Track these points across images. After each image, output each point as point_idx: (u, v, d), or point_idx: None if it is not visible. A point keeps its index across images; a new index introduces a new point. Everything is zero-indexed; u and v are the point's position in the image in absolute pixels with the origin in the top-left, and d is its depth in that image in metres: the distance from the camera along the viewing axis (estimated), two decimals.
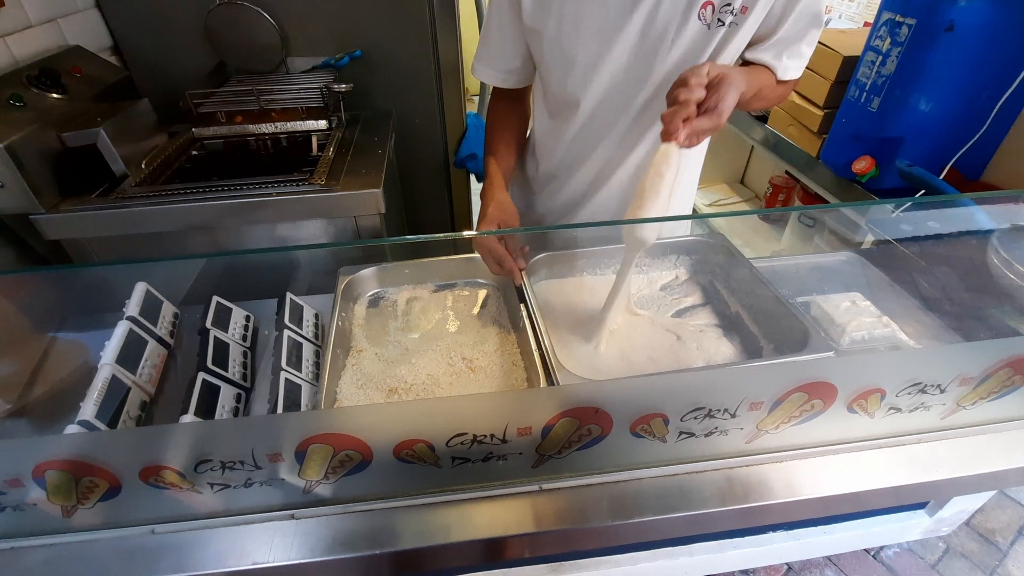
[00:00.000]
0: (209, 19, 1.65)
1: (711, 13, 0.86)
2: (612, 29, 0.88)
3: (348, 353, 0.93)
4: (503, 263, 0.92)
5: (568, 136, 1.04)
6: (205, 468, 0.60)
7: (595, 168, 1.07)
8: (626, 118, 0.98)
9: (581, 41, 0.90)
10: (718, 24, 0.87)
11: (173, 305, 0.99)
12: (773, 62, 0.93)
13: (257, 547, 0.66)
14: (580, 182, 1.10)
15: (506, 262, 0.92)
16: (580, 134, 1.03)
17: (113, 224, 1.27)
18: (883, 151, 1.54)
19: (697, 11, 0.85)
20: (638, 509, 0.69)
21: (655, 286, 1.05)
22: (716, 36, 0.88)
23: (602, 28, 0.88)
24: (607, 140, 1.02)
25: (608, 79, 0.94)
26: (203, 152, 1.59)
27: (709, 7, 0.85)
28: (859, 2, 2.39)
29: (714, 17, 0.86)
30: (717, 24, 0.86)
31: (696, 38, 0.88)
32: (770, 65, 0.94)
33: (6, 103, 1.20)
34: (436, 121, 1.95)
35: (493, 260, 0.93)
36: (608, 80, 0.94)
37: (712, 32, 0.87)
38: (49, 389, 0.92)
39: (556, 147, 1.07)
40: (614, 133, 1.01)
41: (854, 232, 1.29)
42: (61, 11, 1.53)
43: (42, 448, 0.58)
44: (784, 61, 0.93)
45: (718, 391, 0.63)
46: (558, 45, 0.92)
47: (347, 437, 0.59)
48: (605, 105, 0.98)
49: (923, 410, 0.72)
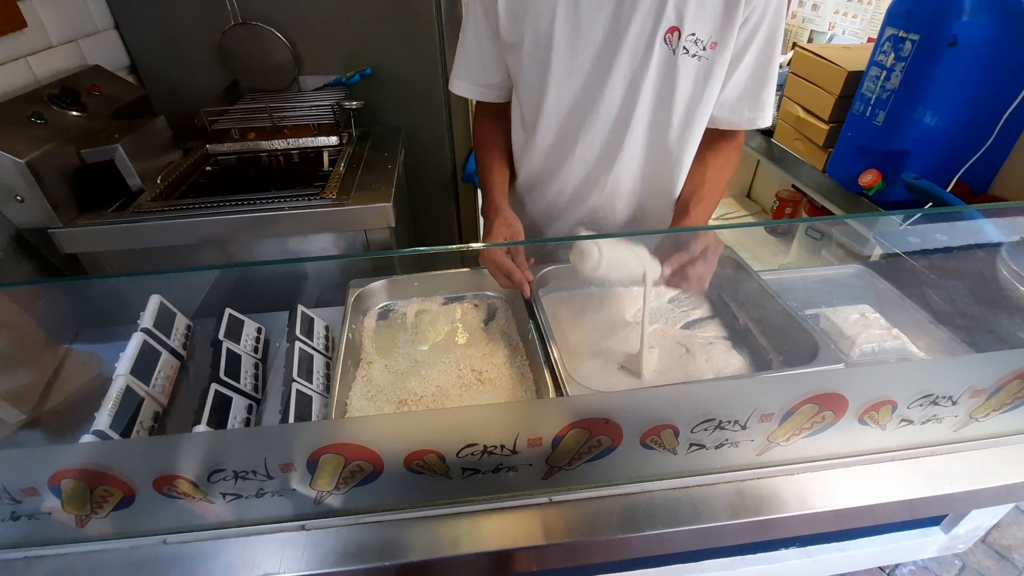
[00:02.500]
0: (224, 39, 1.69)
1: (677, 39, 0.88)
2: (584, 45, 0.91)
3: (358, 365, 0.93)
4: (512, 276, 0.93)
5: (543, 147, 1.06)
6: (218, 478, 0.60)
7: (576, 178, 1.08)
8: (598, 131, 1.00)
9: (554, 55, 0.92)
10: (685, 52, 0.89)
11: (186, 317, 1.01)
12: (738, 119, 0.99)
13: (268, 558, 0.66)
14: (559, 192, 1.11)
15: (515, 275, 0.93)
16: (553, 145, 1.05)
17: (129, 238, 1.30)
18: (889, 164, 1.55)
19: (663, 35, 0.88)
20: (648, 522, 0.69)
21: (663, 298, 1.05)
22: (687, 67, 0.90)
23: (571, 44, 0.91)
24: (580, 152, 1.03)
25: (577, 92, 0.96)
26: (217, 168, 1.62)
27: (675, 32, 0.88)
28: (862, 19, 2.41)
29: (680, 44, 0.89)
30: (683, 52, 0.89)
31: (665, 63, 0.91)
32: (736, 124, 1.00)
33: (27, 120, 1.23)
34: (444, 137, 1.98)
35: (502, 274, 0.95)
36: (577, 93, 0.96)
37: (679, 59, 0.90)
38: (64, 400, 0.93)
39: (534, 158, 1.09)
40: (587, 146, 1.02)
41: (862, 245, 1.29)
42: (81, 32, 1.57)
43: (59, 457, 0.59)
44: (747, 114, 0.99)
45: (728, 402, 0.63)
46: (533, 59, 0.94)
47: (358, 447, 0.60)
48: (573, 118, 0.99)
49: (935, 422, 0.72)
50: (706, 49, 0.89)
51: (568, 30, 0.90)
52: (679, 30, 0.88)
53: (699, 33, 0.88)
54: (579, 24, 0.89)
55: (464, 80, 1.05)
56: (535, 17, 0.90)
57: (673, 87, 0.93)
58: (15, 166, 1.14)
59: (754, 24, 0.88)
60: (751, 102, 0.97)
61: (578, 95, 0.96)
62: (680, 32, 0.88)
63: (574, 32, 0.90)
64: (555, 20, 0.89)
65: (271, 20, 1.70)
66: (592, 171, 1.05)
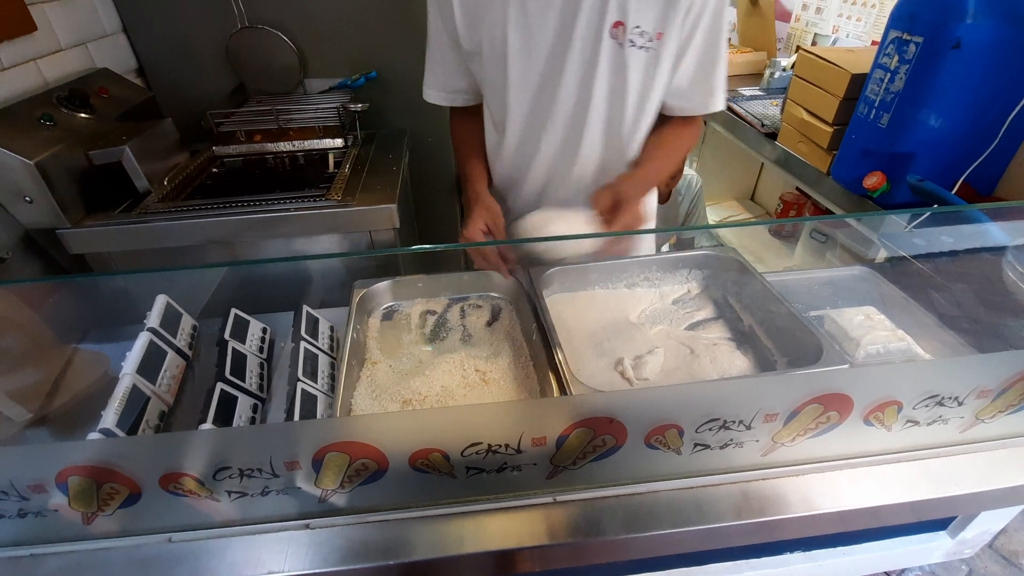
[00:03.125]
0: (231, 42, 1.71)
1: (623, 33, 0.91)
2: (537, 47, 0.94)
3: (363, 365, 0.94)
4: (488, 259, 0.99)
5: (511, 147, 1.08)
6: (224, 475, 0.61)
7: (542, 175, 1.10)
8: (558, 128, 1.02)
9: (510, 60, 0.95)
10: (632, 45, 0.92)
11: (192, 317, 1.01)
12: (691, 105, 1.02)
13: (272, 556, 0.66)
14: (531, 190, 1.14)
15: (491, 258, 0.99)
16: (519, 145, 1.07)
17: (136, 238, 1.31)
18: (894, 167, 1.54)
19: (608, 30, 0.91)
20: (653, 522, 0.69)
21: (667, 300, 1.05)
22: (636, 58, 0.93)
23: (525, 47, 0.94)
24: (544, 150, 1.06)
25: (535, 93, 0.99)
26: (223, 169, 1.64)
27: (620, 27, 0.91)
28: (866, 22, 2.41)
29: (626, 37, 0.91)
30: (631, 44, 0.92)
31: (614, 57, 0.93)
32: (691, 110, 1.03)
33: (37, 122, 1.24)
34: (448, 140, 1.98)
35: (480, 257, 1.00)
36: (535, 94, 0.99)
37: (627, 52, 0.92)
38: (70, 398, 0.94)
39: (506, 158, 1.11)
40: (549, 143, 1.05)
41: (866, 247, 1.29)
42: (90, 35, 1.59)
43: (67, 453, 0.59)
44: (699, 100, 1.01)
45: (733, 402, 0.63)
46: (492, 65, 0.98)
47: (364, 445, 0.60)
48: (534, 118, 1.02)
49: (941, 423, 0.72)
50: (652, 40, 0.92)
51: (520, 35, 0.93)
52: (624, 24, 0.90)
53: (643, 25, 0.90)
54: (530, 27, 0.92)
55: (434, 88, 1.10)
56: (489, 25, 0.93)
57: (624, 80, 0.95)
58: (24, 167, 1.15)
59: (698, 11, 0.91)
60: (702, 87, 1.00)
61: (536, 96, 1.00)
62: (625, 26, 0.90)
63: (526, 36, 0.93)
64: (507, 26, 0.92)
65: (277, 23, 1.71)
66: (557, 167, 1.08)
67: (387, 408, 0.85)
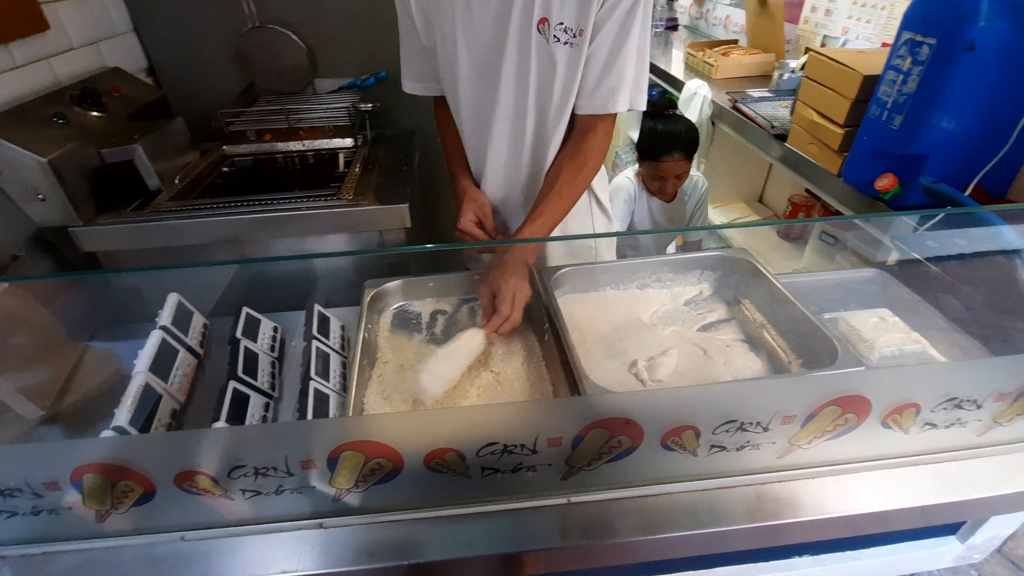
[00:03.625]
0: (241, 42, 1.71)
1: (548, 29, 0.95)
2: (479, 44, 0.98)
3: (374, 364, 0.93)
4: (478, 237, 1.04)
5: (471, 143, 1.13)
6: (238, 474, 0.60)
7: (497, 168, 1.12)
8: (502, 123, 1.05)
9: (459, 57, 1.00)
10: (557, 41, 0.95)
11: (203, 316, 1.01)
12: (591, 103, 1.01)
13: (285, 555, 0.66)
14: (501, 183, 1.16)
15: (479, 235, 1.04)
16: (473, 140, 1.12)
17: (147, 237, 1.31)
18: (906, 169, 1.53)
19: (536, 26, 0.94)
20: (667, 524, 0.68)
21: (679, 301, 1.05)
22: (561, 54, 0.96)
23: (470, 43, 0.98)
24: (495, 144, 1.08)
25: (482, 89, 1.03)
26: (233, 168, 1.64)
27: (545, 23, 0.94)
28: (876, 23, 2.40)
29: (551, 33, 0.95)
30: (555, 41, 0.95)
31: (542, 52, 0.97)
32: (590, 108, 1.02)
33: (50, 121, 1.25)
34: None
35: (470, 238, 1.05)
36: (482, 90, 1.03)
37: (556, 48, 0.96)
38: (82, 396, 0.94)
39: (472, 154, 1.15)
40: (498, 138, 1.07)
41: (876, 249, 1.28)
42: (101, 35, 1.60)
43: (83, 451, 0.59)
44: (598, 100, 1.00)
45: (751, 403, 0.62)
46: (445, 62, 1.03)
47: (379, 445, 0.60)
48: (483, 114, 1.06)
49: (959, 426, 0.71)
50: (576, 36, 0.94)
51: (465, 32, 0.97)
52: (548, 20, 0.94)
53: (567, 21, 0.93)
54: (473, 24, 0.96)
55: (411, 80, 1.14)
56: (440, 23, 0.98)
57: (552, 75, 0.98)
58: (38, 165, 1.16)
59: (609, 7, 0.92)
60: (604, 86, 0.99)
61: (481, 91, 1.03)
62: (549, 22, 0.94)
63: (470, 33, 0.97)
64: (455, 23, 0.96)
65: (287, 23, 1.72)
66: (508, 157, 1.11)
67: (398, 408, 0.85)
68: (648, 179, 1.86)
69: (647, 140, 1.79)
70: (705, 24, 3.58)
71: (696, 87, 2.46)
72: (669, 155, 1.76)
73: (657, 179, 1.83)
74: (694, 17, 3.72)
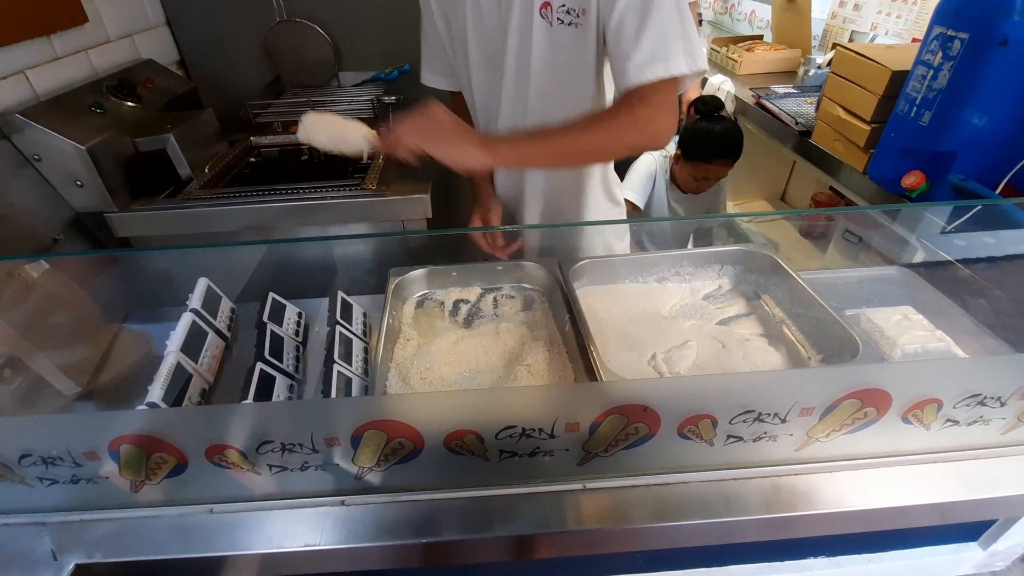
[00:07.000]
0: (269, 36, 1.75)
1: (550, 12, 0.94)
2: (486, 32, 1.00)
3: (396, 347, 0.95)
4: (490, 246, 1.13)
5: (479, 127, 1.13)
6: (266, 449, 0.63)
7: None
8: (507, 109, 1.06)
9: (470, 45, 1.02)
10: (560, 23, 0.94)
11: (231, 301, 1.04)
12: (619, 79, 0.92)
13: (309, 530, 0.68)
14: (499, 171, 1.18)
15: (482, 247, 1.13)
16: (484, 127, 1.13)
17: (178, 223, 1.35)
18: (934, 166, 1.50)
19: (538, 10, 0.94)
20: (682, 513, 0.69)
21: (698, 295, 1.05)
22: (564, 35, 0.95)
23: (478, 31, 1.00)
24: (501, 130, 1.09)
25: (489, 76, 1.05)
26: (260, 159, 1.68)
27: (548, 8, 0.94)
28: (906, 19, 2.35)
29: (554, 16, 0.94)
30: (558, 23, 0.94)
31: (545, 36, 0.97)
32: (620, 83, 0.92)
33: (88, 110, 1.30)
34: None
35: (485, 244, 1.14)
36: (489, 77, 1.05)
37: (558, 30, 0.95)
38: (116, 374, 0.98)
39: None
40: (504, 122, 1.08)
41: (900, 249, 1.26)
42: (136, 28, 1.64)
43: (120, 422, 0.62)
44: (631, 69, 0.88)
45: (769, 394, 0.62)
46: (458, 51, 1.05)
47: (401, 424, 0.61)
48: (491, 101, 1.07)
49: (982, 424, 0.70)
50: (579, 16, 0.93)
51: (473, 20, 0.99)
52: (551, 4, 0.94)
53: (568, 3, 0.93)
54: (480, 12, 0.98)
55: (431, 72, 1.16)
56: (453, 13, 1.01)
57: (554, 58, 0.98)
58: (77, 152, 1.20)
59: None
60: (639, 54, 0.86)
61: (490, 78, 1.05)
62: (551, 6, 0.94)
63: (477, 20, 0.99)
64: (466, 12, 0.98)
65: (314, 17, 1.75)
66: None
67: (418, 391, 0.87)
68: (686, 175, 1.82)
69: (699, 140, 1.72)
70: (729, 20, 3.53)
71: (720, 82, 2.44)
72: (721, 158, 1.73)
73: (699, 179, 1.79)
74: (718, 12, 3.68)
